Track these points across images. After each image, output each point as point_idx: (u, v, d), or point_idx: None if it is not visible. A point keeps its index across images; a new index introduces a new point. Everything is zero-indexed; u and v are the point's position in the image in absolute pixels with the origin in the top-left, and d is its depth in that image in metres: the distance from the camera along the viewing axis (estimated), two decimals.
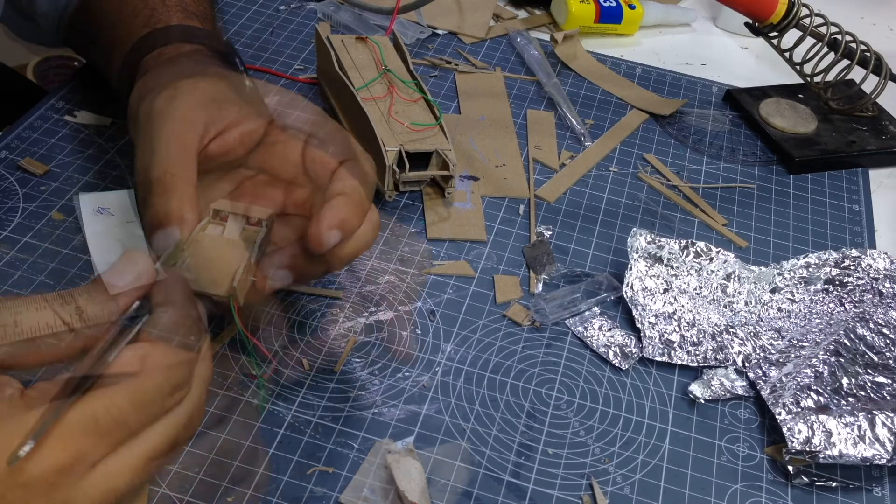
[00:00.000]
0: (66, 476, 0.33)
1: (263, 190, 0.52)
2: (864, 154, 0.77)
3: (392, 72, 0.69)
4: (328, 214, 0.47)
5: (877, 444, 0.51)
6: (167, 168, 0.48)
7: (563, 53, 0.85)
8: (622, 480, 0.50)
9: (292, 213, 0.51)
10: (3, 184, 0.62)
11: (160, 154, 0.48)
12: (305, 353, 0.54)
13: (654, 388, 0.56)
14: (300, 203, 0.51)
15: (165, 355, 0.37)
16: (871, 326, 0.59)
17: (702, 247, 0.62)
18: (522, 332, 0.58)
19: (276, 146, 0.51)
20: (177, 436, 0.37)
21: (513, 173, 0.70)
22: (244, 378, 0.52)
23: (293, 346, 0.55)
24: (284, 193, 0.51)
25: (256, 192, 0.52)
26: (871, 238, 0.70)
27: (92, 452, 0.34)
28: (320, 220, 0.46)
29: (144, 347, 0.37)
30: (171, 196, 0.47)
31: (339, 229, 0.47)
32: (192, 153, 0.49)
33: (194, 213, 0.47)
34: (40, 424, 0.33)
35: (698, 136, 0.78)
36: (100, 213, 0.60)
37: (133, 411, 0.35)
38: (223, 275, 0.44)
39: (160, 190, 0.48)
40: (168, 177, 0.48)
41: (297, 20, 0.85)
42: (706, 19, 0.97)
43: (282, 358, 0.54)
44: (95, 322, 0.40)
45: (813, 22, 0.74)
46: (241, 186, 0.52)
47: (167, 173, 0.48)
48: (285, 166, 0.51)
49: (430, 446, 0.50)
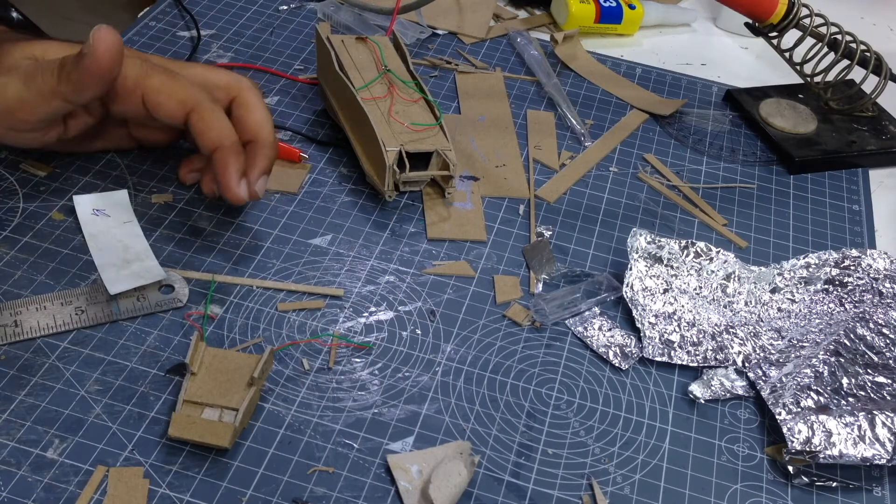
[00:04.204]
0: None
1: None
2: (864, 154, 0.77)
3: (392, 72, 0.69)
4: (223, 178, 0.56)
5: (877, 444, 0.51)
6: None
7: (563, 53, 0.85)
8: (622, 480, 0.50)
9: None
10: (4, 184, 0.62)
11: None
12: (305, 353, 0.54)
13: (654, 388, 0.56)
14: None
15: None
16: (871, 326, 0.59)
17: (702, 247, 0.62)
18: (522, 332, 0.58)
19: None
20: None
21: (513, 173, 0.70)
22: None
23: (293, 347, 0.55)
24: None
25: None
26: (871, 238, 0.70)
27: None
28: (224, 186, 0.56)
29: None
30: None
31: (240, 178, 0.56)
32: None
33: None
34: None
35: (698, 137, 0.78)
36: (95, 215, 0.60)
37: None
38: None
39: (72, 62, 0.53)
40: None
41: (297, 20, 0.85)
42: (706, 19, 0.97)
43: (281, 358, 0.54)
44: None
45: (813, 22, 0.74)
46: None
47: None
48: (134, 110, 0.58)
49: (430, 446, 0.50)
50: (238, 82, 0.60)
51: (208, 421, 0.47)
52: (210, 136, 0.56)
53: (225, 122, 0.57)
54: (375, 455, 0.49)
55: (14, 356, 0.51)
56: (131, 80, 0.56)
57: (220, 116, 0.57)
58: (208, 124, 0.56)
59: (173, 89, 0.56)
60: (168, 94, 0.56)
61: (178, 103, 0.56)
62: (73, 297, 0.54)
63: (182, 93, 0.56)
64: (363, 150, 0.66)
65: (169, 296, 0.56)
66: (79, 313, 0.54)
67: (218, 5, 0.85)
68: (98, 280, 0.56)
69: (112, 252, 0.57)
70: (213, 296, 0.56)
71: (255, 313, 0.56)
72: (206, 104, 0.56)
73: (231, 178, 0.56)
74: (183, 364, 0.50)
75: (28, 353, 0.51)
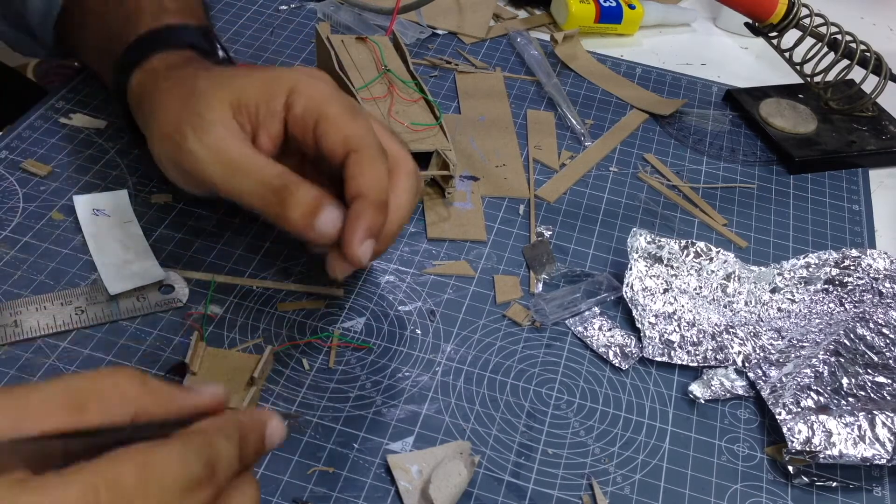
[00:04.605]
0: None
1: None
2: (864, 154, 0.77)
3: (392, 72, 0.69)
4: (350, 231, 0.47)
5: (877, 444, 0.51)
6: (267, 176, 0.48)
7: (563, 53, 0.85)
8: (622, 480, 0.50)
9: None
10: (4, 184, 0.62)
11: (246, 170, 0.48)
12: (305, 353, 0.54)
13: (654, 388, 0.56)
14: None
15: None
16: (871, 326, 0.59)
17: (702, 247, 0.62)
18: (522, 332, 0.58)
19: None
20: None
21: (513, 173, 0.70)
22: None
23: (293, 347, 0.55)
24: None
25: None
26: (871, 238, 0.70)
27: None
28: (346, 242, 0.47)
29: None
30: (298, 191, 0.47)
31: (369, 238, 0.47)
32: (254, 153, 0.49)
33: (313, 188, 0.48)
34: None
35: (698, 136, 0.78)
36: (95, 215, 0.60)
37: (137, 492, 0.30)
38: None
39: (281, 197, 0.47)
40: (277, 180, 0.47)
41: (297, 20, 0.85)
42: (706, 19, 0.97)
43: (281, 358, 0.54)
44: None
45: (813, 22, 0.74)
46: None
47: (274, 177, 0.48)
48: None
49: (430, 446, 0.50)
50: (398, 159, 0.52)
51: None
52: (358, 181, 0.48)
53: (382, 174, 0.49)
54: (375, 455, 0.49)
55: (14, 356, 0.51)
56: (315, 102, 0.49)
57: (380, 168, 0.49)
58: (362, 170, 0.48)
59: (346, 122, 0.49)
60: (338, 126, 0.49)
61: (343, 140, 0.49)
62: (72, 297, 0.54)
63: (351, 129, 0.49)
64: None
65: (169, 296, 0.56)
66: (79, 313, 0.54)
67: (218, 5, 0.85)
68: (98, 280, 0.56)
69: (112, 252, 0.57)
70: (213, 296, 0.56)
71: (255, 313, 0.56)
72: (371, 150, 0.49)
73: (355, 234, 0.47)
74: (183, 364, 0.50)
75: (28, 353, 0.51)
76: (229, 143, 0.48)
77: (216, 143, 0.48)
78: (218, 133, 0.48)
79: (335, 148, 0.49)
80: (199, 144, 0.48)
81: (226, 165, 0.48)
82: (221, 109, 0.49)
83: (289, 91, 0.50)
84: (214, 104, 0.49)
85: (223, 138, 0.48)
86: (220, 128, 0.48)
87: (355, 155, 0.48)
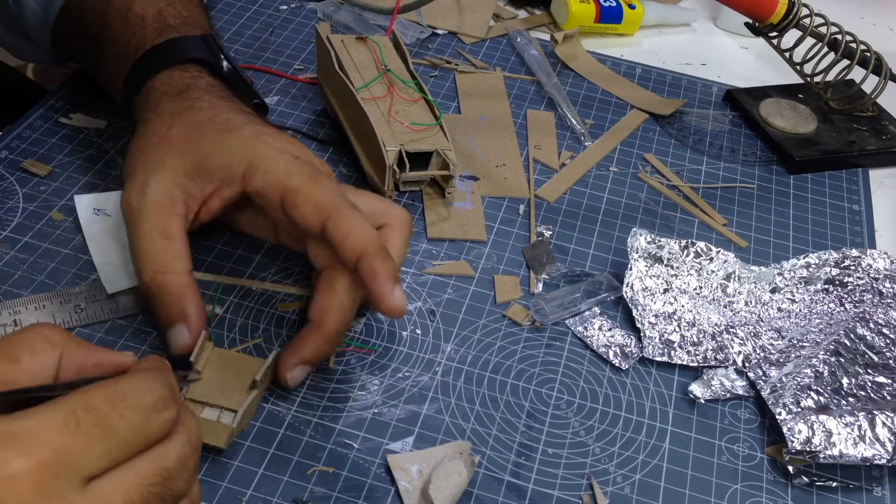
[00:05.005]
0: (53, 476, 0.32)
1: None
2: (864, 154, 0.77)
3: (392, 72, 0.69)
4: (380, 289, 0.48)
5: (877, 444, 0.51)
6: (155, 268, 0.50)
7: (563, 53, 0.85)
8: (622, 480, 0.50)
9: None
10: (4, 184, 0.62)
11: (144, 255, 0.50)
12: None
13: (654, 388, 0.56)
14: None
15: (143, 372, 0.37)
16: (871, 326, 0.59)
17: (702, 247, 0.62)
18: (522, 332, 0.58)
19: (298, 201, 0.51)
20: (169, 469, 0.35)
21: (513, 173, 0.70)
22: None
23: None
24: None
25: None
26: (871, 238, 0.70)
27: (78, 454, 0.32)
28: (380, 298, 0.48)
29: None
30: (167, 297, 0.50)
31: (396, 284, 0.48)
32: (177, 240, 0.51)
33: (195, 304, 0.50)
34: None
35: (698, 136, 0.78)
36: (95, 214, 0.60)
37: (111, 411, 0.34)
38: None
39: (155, 292, 0.50)
40: (159, 277, 0.50)
41: (297, 20, 0.85)
42: (706, 19, 0.97)
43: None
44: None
45: (813, 22, 0.74)
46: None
47: (157, 273, 0.50)
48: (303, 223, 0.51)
49: (430, 446, 0.50)
50: (389, 212, 0.53)
51: (206, 420, 0.47)
52: (349, 243, 0.48)
53: (366, 225, 0.49)
54: (375, 455, 0.49)
55: None
56: (274, 177, 0.50)
57: (361, 220, 0.49)
58: (346, 230, 0.48)
59: (313, 191, 0.49)
60: (306, 196, 0.49)
61: (314, 209, 0.49)
62: (72, 295, 0.54)
63: (320, 196, 0.49)
64: (363, 149, 0.66)
65: None
66: (78, 312, 0.54)
67: (218, 5, 0.85)
68: (97, 279, 0.56)
69: (112, 252, 0.57)
70: (214, 296, 0.56)
71: (255, 313, 0.56)
72: (346, 209, 0.49)
73: (383, 287, 0.47)
74: (187, 360, 0.50)
75: None
76: (159, 214, 0.51)
77: (149, 205, 0.51)
78: (156, 199, 0.51)
79: (309, 218, 0.49)
80: (135, 196, 0.51)
81: (137, 228, 0.51)
82: (174, 173, 0.51)
83: (246, 166, 0.51)
84: (169, 162, 0.52)
85: (157, 206, 0.51)
86: (160, 196, 0.51)
87: (334, 219, 0.49)
